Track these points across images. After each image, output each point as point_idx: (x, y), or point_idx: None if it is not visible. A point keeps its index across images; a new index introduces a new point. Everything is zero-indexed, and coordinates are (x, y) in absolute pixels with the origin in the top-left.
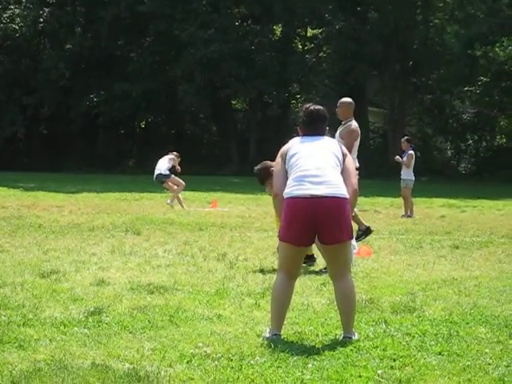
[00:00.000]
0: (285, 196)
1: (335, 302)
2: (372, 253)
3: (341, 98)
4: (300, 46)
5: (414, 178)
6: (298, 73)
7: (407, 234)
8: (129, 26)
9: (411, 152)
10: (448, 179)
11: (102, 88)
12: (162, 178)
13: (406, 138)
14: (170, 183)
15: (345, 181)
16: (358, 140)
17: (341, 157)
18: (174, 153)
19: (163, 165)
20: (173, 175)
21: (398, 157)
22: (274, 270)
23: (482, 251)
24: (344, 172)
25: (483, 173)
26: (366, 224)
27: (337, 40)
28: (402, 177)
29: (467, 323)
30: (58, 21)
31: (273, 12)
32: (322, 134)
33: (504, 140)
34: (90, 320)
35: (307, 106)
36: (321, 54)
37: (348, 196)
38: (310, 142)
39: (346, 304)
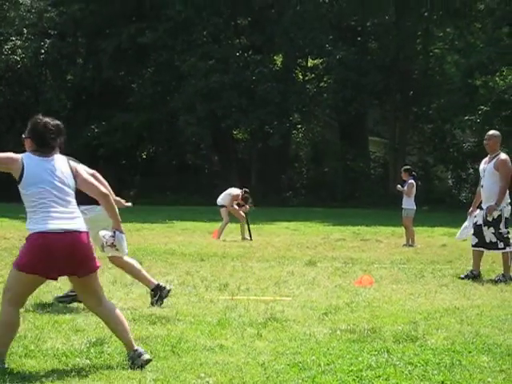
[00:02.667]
0: (28, 228)
1: (109, 327)
2: (374, 282)
3: (341, 128)
4: (301, 76)
5: (415, 207)
6: (299, 103)
7: (409, 263)
8: (130, 57)
9: (412, 181)
10: (449, 208)
11: (103, 119)
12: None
13: (405, 167)
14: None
15: (90, 191)
16: None
17: (69, 175)
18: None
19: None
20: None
21: (399, 186)
22: (274, 301)
23: (484, 280)
24: (85, 185)
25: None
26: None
27: (337, 70)
28: (403, 206)
29: (469, 352)
30: (59, 52)
31: (273, 42)
32: (54, 149)
33: None
34: (92, 351)
35: (40, 118)
36: (321, 83)
37: (86, 228)
38: (40, 166)
39: (121, 321)
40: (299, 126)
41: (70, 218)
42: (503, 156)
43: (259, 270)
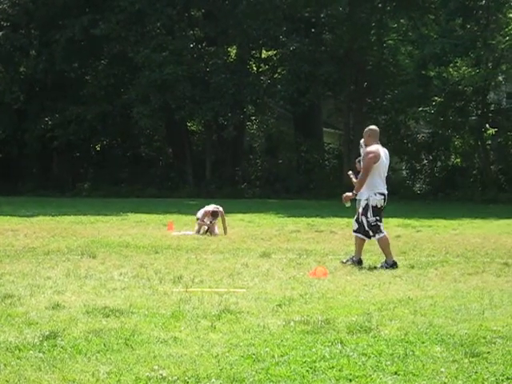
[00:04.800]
0: None
1: None
2: (328, 273)
3: (295, 119)
4: (255, 68)
5: None
6: (253, 94)
7: (363, 255)
8: (83, 49)
9: None
10: (403, 199)
11: (57, 111)
12: None
13: (359, 159)
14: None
15: None
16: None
17: None
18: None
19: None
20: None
21: (351, 172)
22: (228, 293)
23: (438, 271)
24: None
25: (438, 192)
26: None
27: (291, 61)
28: (357, 197)
29: (423, 342)
30: (12, 44)
31: (227, 34)
32: None
33: (458, 160)
34: (45, 344)
35: None
36: (275, 75)
37: None
38: None
39: None
40: (253, 118)
41: None
42: (368, 148)
43: (213, 262)
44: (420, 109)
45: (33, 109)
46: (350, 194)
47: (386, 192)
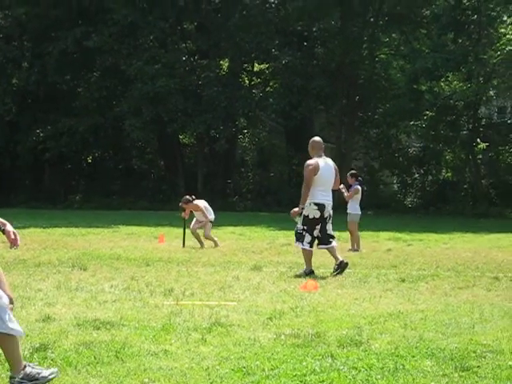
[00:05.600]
0: None
1: None
2: (319, 287)
3: (287, 133)
4: (247, 81)
5: (360, 212)
6: (245, 107)
7: (354, 268)
8: (75, 61)
9: (357, 187)
10: (394, 213)
11: (49, 123)
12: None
13: (351, 172)
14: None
15: None
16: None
17: None
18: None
19: None
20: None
21: (342, 185)
22: (219, 306)
23: (428, 284)
24: None
25: (429, 206)
26: None
27: (283, 75)
28: (347, 211)
29: (413, 356)
30: (5, 55)
31: (220, 47)
32: None
33: (449, 174)
34: (36, 356)
35: None
36: (268, 88)
37: None
38: None
39: None
40: (245, 131)
41: None
42: (308, 161)
43: (204, 274)
44: (411, 123)
45: (25, 121)
46: (296, 209)
47: (326, 202)
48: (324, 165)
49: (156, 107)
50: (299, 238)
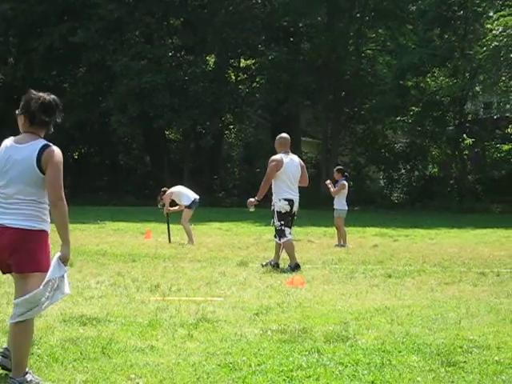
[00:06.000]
0: None
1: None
2: (305, 282)
3: (274, 128)
4: (233, 77)
5: (346, 208)
6: (232, 103)
7: (340, 264)
8: (61, 57)
9: (343, 182)
10: (381, 208)
11: None
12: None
13: (337, 167)
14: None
15: (49, 193)
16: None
17: (35, 169)
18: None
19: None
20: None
21: (328, 181)
22: (206, 301)
23: (415, 280)
24: (47, 181)
25: (415, 202)
26: None
27: (270, 70)
28: (334, 207)
29: (399, 352)
30: None
31: (206, 42)
32: (44, 127)
33: (436, 169)
34: None
35: (39, 94)
36: (254, 84)
37: (37, 227)
38: (15, 149)
39: (13, 338)
40: (231, 127)
41: (7, 214)
42: (272, 157)
43: (191, 270)
44: (398, 118)
45: (10, 117)
46: (253, 199)
47: (293, 198)
48: (289, 161)
49: (142, 103)
50: (281, 234)
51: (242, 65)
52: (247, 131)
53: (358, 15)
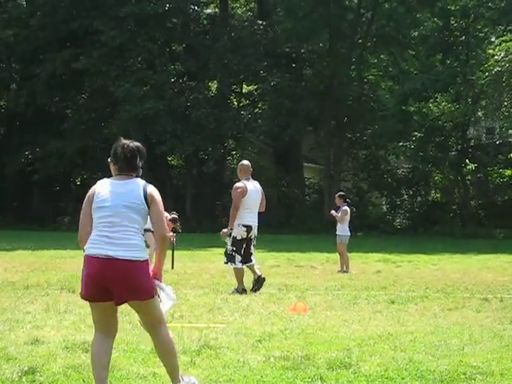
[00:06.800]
0: (84, 249)
1: (157, 354)
2: (308, 309)
3: (276, 154)
4: (235, 102)
5: (349, 234)
6: (234, 129)
7: (343, 290)
8: (64, 83)
9: (345, 208)
10: (383, 234)
11: (38, 145)
12: None
13: (339, 193)
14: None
15: (153, 226)
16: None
17: (142, 203)
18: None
19: None
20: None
21: (333, 211)
22: (208, 328)
23: (418, 306)
24: (151, 219)
25: (418, 227)
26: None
27: (272, 96)
28: (337, 232)
29: (403, 378)
30: None
31: (208, 68)
32: (134, 171)
33: (438, 195)
34: (24, 379)
35: (122, 141)
36: (256, 110)
37: (144, 257)
38: (112, 190)
39: (165, 354)
40: (234, 152)
41: (115, 244)
42: (237, 184)
43: (193, 296)
44: (400, 144)
45: (13, 143)
46: (225, 230)
47: (252, 224)
48: (252, 188)
49: (144, 129)
50: (230, 258)
51: (244, 91)
52: (249, 157)
53: (360, 41)
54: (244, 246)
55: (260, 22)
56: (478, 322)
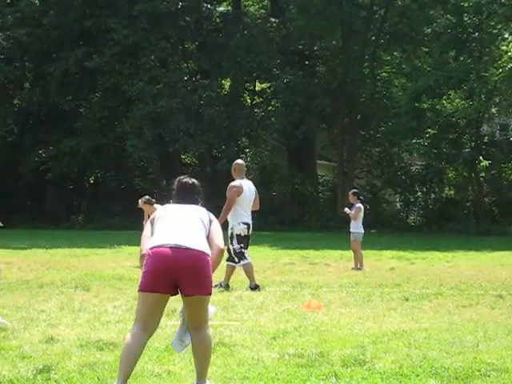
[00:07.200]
0: (148, 248)
1: (192, 351)
2: (322, 306)
3: (289, 152)
4: (248, 100)
5: (362, 231)
6: (247, 127)
7: (357, 287)
8: (77, 82)
9: (359, 205)
10: (397, 231)
11: (51, 144)
12: None
13: (353, 191)
14: None
15: (211, 242)
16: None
17: (207, 221)
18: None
19: None
20: None
21: (346, 209)
22: (223, 326)
23: (432, 303)
24: (210, 235)
25: (432, 224)
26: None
27: (285, 94)
28: (350, 230)
29: (417, 375)
30: (6, 76)
31: (221, 66)
32: (192, 203)
33: (452, 192)
34: (39, 378)
35: (180, 178)
36: (269, 107)
37: (210, 254)
38: (177, 207)
39: (202, 353)
40: (247, 150)
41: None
42: (232, 183)
43: None
44: (414, 141)
45: (27, 141)
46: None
47: (249, 222)
48: (247, 187)
49: (158, 127)
50: (241, 256)
51: (257, 88)
52: (263, 155)
53: (373, 38)
54: (247, 242)
55: (273, 19)
56: (493, 318)
